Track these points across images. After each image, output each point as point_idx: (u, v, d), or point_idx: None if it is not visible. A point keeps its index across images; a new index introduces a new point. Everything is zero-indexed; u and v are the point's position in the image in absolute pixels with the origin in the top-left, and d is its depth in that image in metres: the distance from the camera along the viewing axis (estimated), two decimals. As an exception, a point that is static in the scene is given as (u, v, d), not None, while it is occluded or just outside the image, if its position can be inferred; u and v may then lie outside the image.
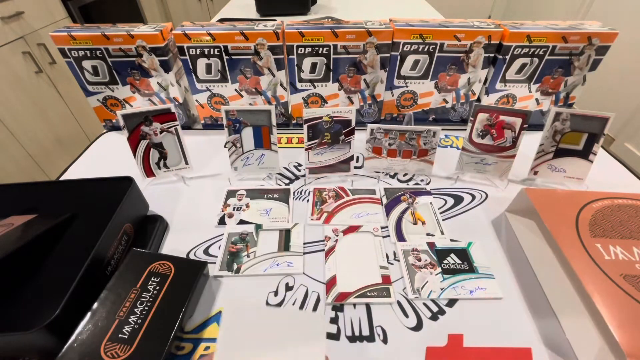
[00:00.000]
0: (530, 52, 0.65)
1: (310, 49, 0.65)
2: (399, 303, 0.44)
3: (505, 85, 0.71)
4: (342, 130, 0.58)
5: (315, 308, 0.43)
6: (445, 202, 0.59)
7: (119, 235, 0.46)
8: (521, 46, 0.64)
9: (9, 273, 0.40)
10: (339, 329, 0.41)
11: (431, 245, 0.50)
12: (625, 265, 0.39)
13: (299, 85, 0.71)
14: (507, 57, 0.66)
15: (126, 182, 0.51)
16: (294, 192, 0.61)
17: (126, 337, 0.35)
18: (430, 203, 0.58)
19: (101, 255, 0.42)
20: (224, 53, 0.65)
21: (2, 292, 0.38)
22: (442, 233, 0.53)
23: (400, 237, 0.52)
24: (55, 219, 0.46)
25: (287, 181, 0.64)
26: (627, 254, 0.40)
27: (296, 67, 0.68)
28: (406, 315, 0.42)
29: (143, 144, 0.58)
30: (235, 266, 0.48)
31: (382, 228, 0.54)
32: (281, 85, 0.71)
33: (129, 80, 0.70)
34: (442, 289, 0.45)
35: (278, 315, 0.42)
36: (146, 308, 0.38)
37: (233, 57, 0.66)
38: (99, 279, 0.41)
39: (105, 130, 0.79)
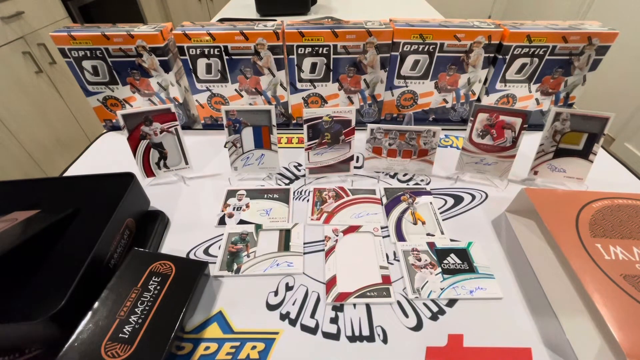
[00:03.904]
0: (530, 52, 0.65)
1: (310, 49, 0.65)
2: (399, 303, 0.44)
3: (505, 85, 0.71)
4: (342, 130, 0.58)
5: (315, 308, 0.43)
6: (445, 202, 0.59)
7: (121, 229, 0.46)
8: (521, 46, 0.64)
9: (15, 266, 0.40)
10: (339, 329, 0.41)
11: (431, 245, 0.50)
12: (625, 265, 0.39)
13: (299, 85, 0.71)
14: (507, 57, 0.66)
15: (127, 178, 0.51)
16: (294, 192, 0.61)
17: (127, 336, 0.35)
18: (430, 203, 0.58)
19: (104, 249, 0.42)
20: (224, 53, 0.65)
21: (9, 284, 0.39)
22: (442, 233, 0.53)
23: (400, 237, 0.52)
24: (58, 214, 0.46)
25: (287, 181, 0.64)
26: (627, 254, 0.40)
27: (296, 67, 0.68)
28: (406, 315, 0.42)
29: (143, 144, 0.58)
30: (235, 266, 0.48)
31: (382, 228, 0.54)
32: (281, 85, 0.71)
33: (129, 80, 0.70)
34: (442, 289, 0.45)
35: None
36: (147, 308, 0.38)
37: (233, 57, 0.66)
38: (102, 271, 0.41)
39: (105, 130, 0.79)
